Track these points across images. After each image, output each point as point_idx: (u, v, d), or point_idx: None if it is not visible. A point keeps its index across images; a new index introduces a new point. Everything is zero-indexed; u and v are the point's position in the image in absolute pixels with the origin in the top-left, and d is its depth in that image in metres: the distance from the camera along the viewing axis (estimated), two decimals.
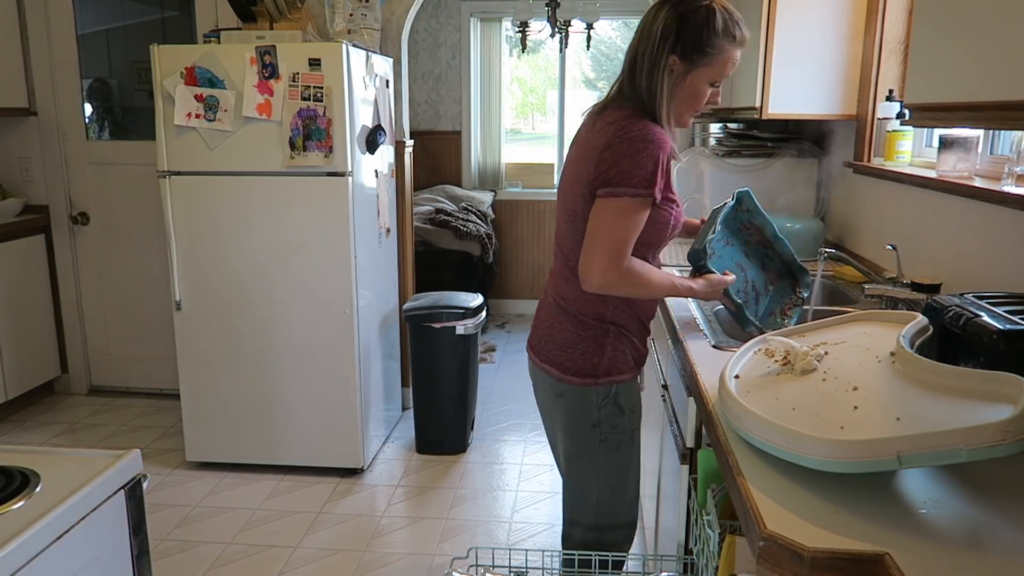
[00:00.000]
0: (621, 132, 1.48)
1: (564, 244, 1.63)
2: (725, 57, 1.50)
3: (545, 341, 1.67)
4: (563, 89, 5.62)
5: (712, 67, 1.51)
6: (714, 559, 1.14)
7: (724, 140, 3.08)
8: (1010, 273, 1.61)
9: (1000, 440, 0.86)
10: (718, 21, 1.47)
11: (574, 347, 1.62)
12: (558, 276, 1.67)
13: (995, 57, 1.14)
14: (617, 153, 1.46)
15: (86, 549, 1.18)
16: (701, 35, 1.47)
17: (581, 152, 1.57)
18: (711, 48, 1.48)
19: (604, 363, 1.60)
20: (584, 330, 1.61)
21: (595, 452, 1.66)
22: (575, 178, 1.55)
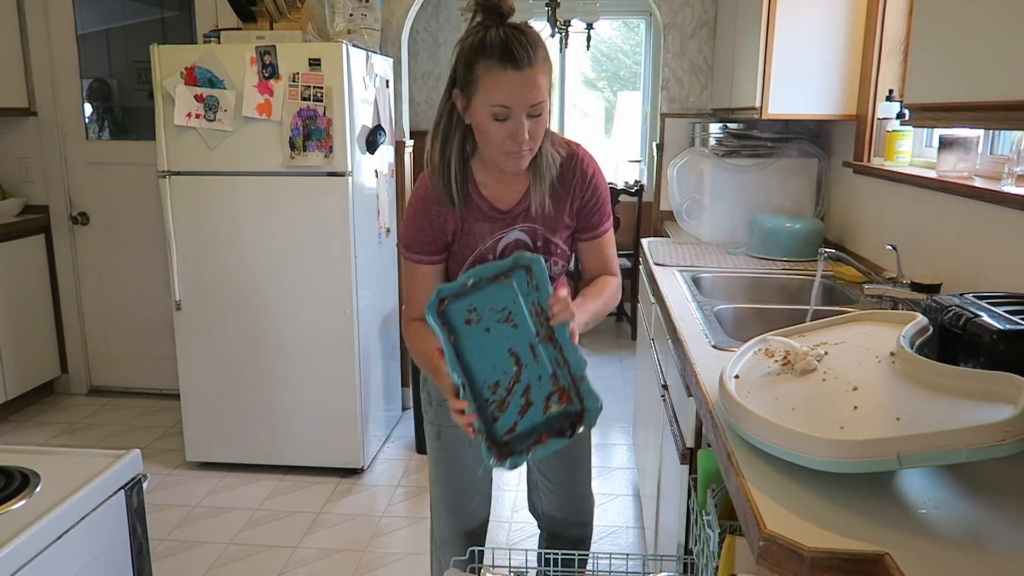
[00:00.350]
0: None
1: None
2: (493, 81, 1.29)
3: None
4: (563, 89, 5.63)
5: (482, 93, 1.31)
6: (714, 559, 1.14)
7: (724, 140, 3.08)
8: (1010, 273, 1.61)
9: (1000, 440, 0.86)
10: (489, 38, 1.30)
11: None
12: None
13: (995, 57, 1.14)
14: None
15: (86, 549, 1.18)
16: (469, 58, 1.32)
17: None
18: (476, 72, 1.31)
19: None
20: None
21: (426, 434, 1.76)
22: None
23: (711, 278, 2.36)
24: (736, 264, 2.50)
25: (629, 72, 6.57)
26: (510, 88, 1.29)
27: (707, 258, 2.60)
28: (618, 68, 6.75)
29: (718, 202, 2.91)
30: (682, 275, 2.31)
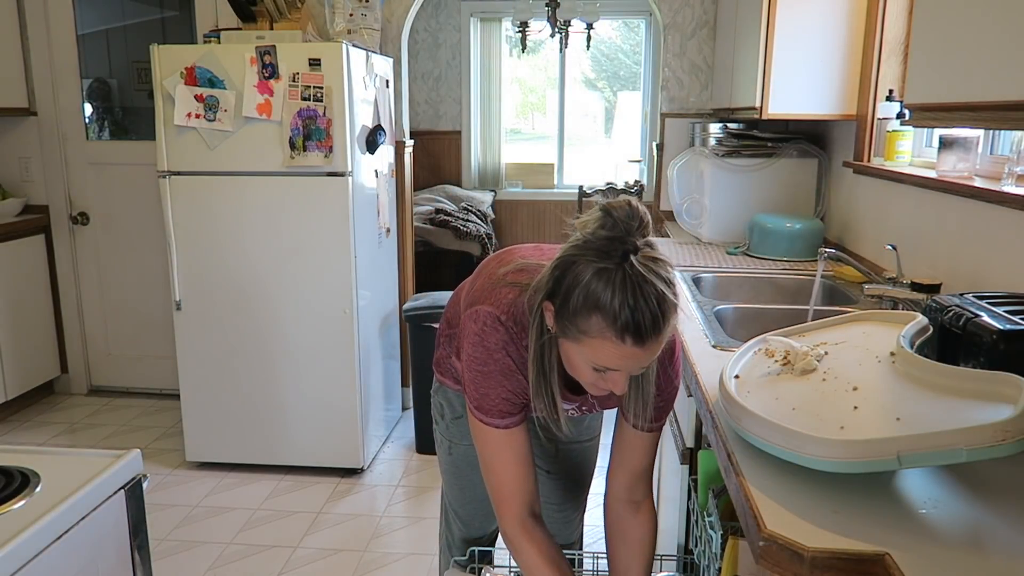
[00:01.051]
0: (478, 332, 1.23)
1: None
2: (602, 348, 1.05)
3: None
4: (563, 89, 5.62)
5: (585, 349, 1.08)
6: (716, 560, 1.14)
7: (724, 140, 3.08)
8: (1010, 273, 1.61)
9: (1000, 440, 0.86)
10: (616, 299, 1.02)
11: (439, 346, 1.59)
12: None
13: (995, 57, 1.14)
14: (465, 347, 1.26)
15: (86, 549, 1.18)
16: (572, 295, 1.05)
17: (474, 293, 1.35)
18: (588, 323, 1.05)
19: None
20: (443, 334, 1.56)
21: (437, 445, 1.71)
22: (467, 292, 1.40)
23: (711, 278, 2.36)
24: (736, 264, 2.50)
25: (629, 72, 6.57)
26: (623, 359, 1.06)
27: (707, 258, 2.60)
28: (618, 68, 6.75)
29: (718, 202, 2.91)
30: (682, 275, 2.31)
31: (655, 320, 1.02)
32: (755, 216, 2.72)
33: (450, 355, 1.50)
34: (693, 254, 2.67)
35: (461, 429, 1.55)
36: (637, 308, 1.01)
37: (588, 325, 1.04)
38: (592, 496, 1.85)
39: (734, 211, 2.89)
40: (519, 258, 1.29)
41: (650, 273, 1.03)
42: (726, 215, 2.90)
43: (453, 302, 1.52)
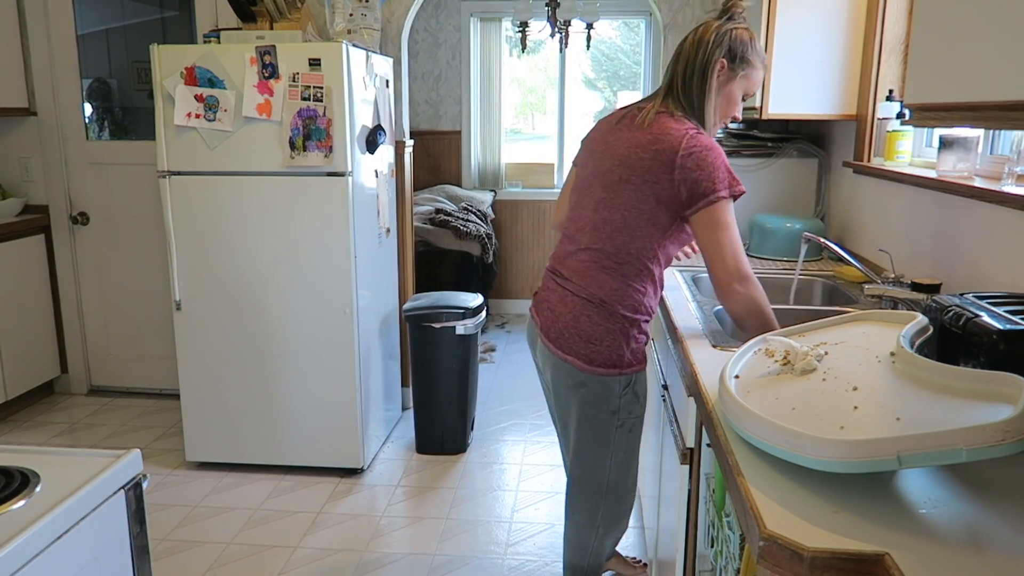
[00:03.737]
0: (691, 141, 1.61)
1: (606, 238, 1.70)
2: (757, 73, 1.72)
3: (569, 333, 1.74)
4: (563, 89, 5.62)
5: (748, 79, 1.71)
6: (735, 561, 1.14)
7: (724, 140, 3.08)
8: (1010, 273, 1.61)
9: (1000, 440, 0.86)
10: (757, 42, 1.71)
11: (601, 340, 1.71)
12: (593, 268, 1.72)
13: (995, 57, 1.14)
14: (698, 163, 1.59)
15: (86, 549, 1.18)
16: (746, 48, 1.68)
17: (637, 155, 1.65)
18: (750, 62, 1.69)
19: (627, 355, 1.73)
20: (614, 323, 1.71)
21: (611, 436, 1.79)
22: (632, 178, 1.65)
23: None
24: None
25: (629, 72, 6.57)
26: (759, 84, 1.75)
27: None
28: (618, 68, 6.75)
29: None
30: (682, 275, 2.31)
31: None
32: (755, 216, 2.72)
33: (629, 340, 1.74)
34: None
35: (644, 403, 1.83)
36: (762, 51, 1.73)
37: (754, 62, 1.70)
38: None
39: (734, 211, 2.88)
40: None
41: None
42: None
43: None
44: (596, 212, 1.72)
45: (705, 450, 1.42)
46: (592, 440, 1.81)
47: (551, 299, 1.80)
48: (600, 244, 1.71)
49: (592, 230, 1.73)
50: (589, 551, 1.97)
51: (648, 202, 1.64)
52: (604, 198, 1.70)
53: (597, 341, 1.71)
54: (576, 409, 1.79)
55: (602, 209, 1.71)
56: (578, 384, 1.75)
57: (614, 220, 1.69)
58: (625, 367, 1.73)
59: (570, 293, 1.75)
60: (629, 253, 1.69)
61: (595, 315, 1.71)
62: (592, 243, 1.73)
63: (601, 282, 1.71)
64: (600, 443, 1.80)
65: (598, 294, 1.71)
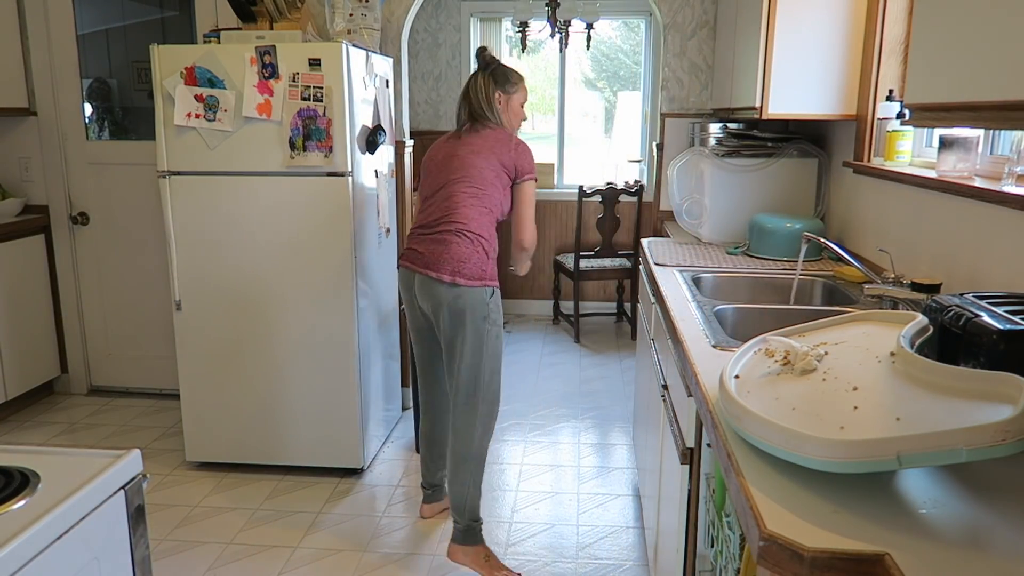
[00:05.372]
0: (514, 140, 2.43)
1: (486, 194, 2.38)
2: (522, 88, 2.53)
3: (442, 259, 2.31)
4: (563, 89, 5.62)
5: (518, 93, 2.51)
6: (735, 561, 1.14)
7: (724, 140, 3.08)
8: (1010, 273, 1.61)
9: (1000, 440, 0.86)
10: (510, 71, 2.51)
11: (468, 258, 2.31)
12: (468, 208, 2.34)
13: (995, 57, 1.14)
14: (520, 153, 2.42)
15: (86, 549, 1.18)
16: (507, 77, 2.48)
17: (477, 140, 2.41)
18: (513, 83, 2.50)
19: (489, 270, 2.36)
20: (475, 246, 2.33)
21: (484, 340, 2.35)
22: (486, 162, 2.38)
23: (711, 278, 2.36)
24: (736, 264, 2.50)
25: (629, 72, 6.57)
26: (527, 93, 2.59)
27: (707, 258, 2.60)
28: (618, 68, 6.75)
29: (718, 202, 2.91)
30: (682, 275, 2.31)
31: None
32: (755, 216, 2.72)
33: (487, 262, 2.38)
34: (693, 254, 2.68)
35: (501, 315, 2.44)
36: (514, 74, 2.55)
37: (515, 81, 2.52)
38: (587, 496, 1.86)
39: (734, 211, 2.89)
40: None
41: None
42: (726, 215, 2.90)
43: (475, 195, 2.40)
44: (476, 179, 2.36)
45: (705, 450, 1.42)
46: (472, 345, 2.34)
47: (420, 247, 2.37)
48: (462, 190, 2.35)
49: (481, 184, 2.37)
50: (477, 454, 2.45)
51: (496, 167, 2.38)
52: (462, 165, 2.37)
53: (465, 260, 2.31)
54: (454, 319, 2.33)
55: (462, 170, 2.37)
56: (455, 297, 2.30)
57: (471, 174, 2.36)
58: (488, 279, 2.34)
59: (438, 233, 2.34)
60: (485, 196, 2.36)
61: (459, 240, 2.32)
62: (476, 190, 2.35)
63: (470, 218, 2.34)
64: (477, 346, 2.35)
65: (459, 223, 2.32)
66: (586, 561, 2.50)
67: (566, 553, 2.54)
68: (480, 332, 2.33)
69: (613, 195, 4.75)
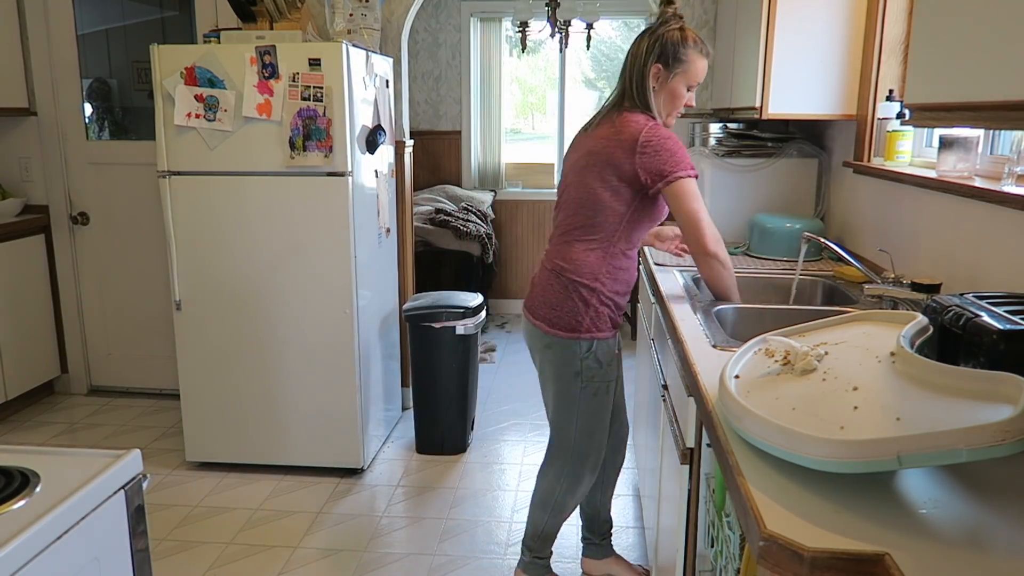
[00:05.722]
0: (650, 132, 1.85)
1: (573, 214, 1.97)
2: (696, 65, 1.93)
3: (539, 302, 2.03)
4: (563, 89, 5.62)
5: (687, 74, 1.92)
6: (734, 560, 1.14)
7: (724, 140, 3.08)
8: (1010, 273, 1.61)
9: (1000, 440, 0.86)
10: (688, 37, 1.90)
11: (560, 305, 1.98)
12: (561, 243, 2.01)
13: (995, 57, 1.14)
14: (657, 147, 1.84)
15: (86, 549, 1.18)
16: (677, 48, 1.89)
17: (602, 144, 1.91)
18: (684, 57, 1.90)
19: (586, 321, 1.97)
20: (571, 290, 1.96)
21: (576, 398, 2.03)
22: (597, 162, 1.90)
23: None
24: (736, 264, 2.50)
25: None
26: (704, 72, 1.96)
27: None
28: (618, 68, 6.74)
29: (718, 202, 2.91)
30: (682, 275, 2.31)
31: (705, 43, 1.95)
32: (755, 216, 2.72)
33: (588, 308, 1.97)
34: None
35: (611, 370, 2.06)
36: (699, 39, 1.93)
37: (690, 56, 1.90)
38: None
39: (734, 211, 2.89)
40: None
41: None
42: (726, 215, 2.90)
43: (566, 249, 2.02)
44: (567, 196, 2.00)
45: (705, 450, 1.42)
46: (562, 400, 2.05)
47: (534, 278, 2.11)
48: (568, 220, 1.98)
49: (564, 210, 2.01)
50: (551, 504, 2.18)
51: (611, 180, 1.89)
52: (574, 182, 1.97)
53: (557, 306, 1.98)
54: (545, 369, 2.07)
55: (571, 190, 1.98)
56: (545, 346, 2.03)
57: (581, 197, 1.94)
58: (583, 332, 1.97)
59: (544, 268, 2.06)
60: (593, 225, 1.93)
61: (555, 283, 1.99)
62: (563, 222, 2.01)
63: (563, 252, 1.99)
64: (567, 403, 2.05)
65: (559, 263, 1.99)
66: None
67: (566, 553, 2.54)
68: (569, 389, 2.03)
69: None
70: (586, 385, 2.01)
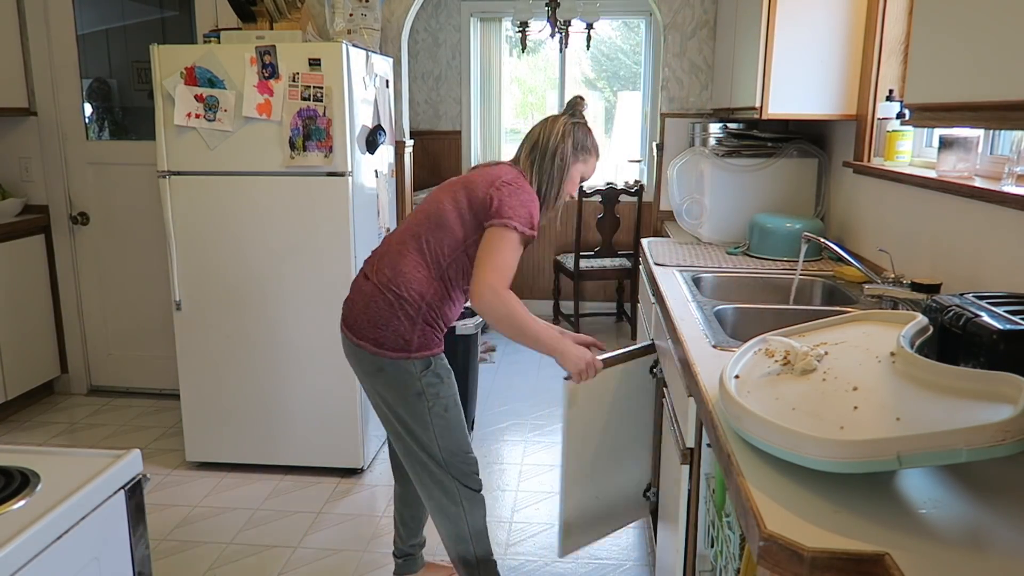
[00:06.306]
0: (518, 179, 1.91)
1: (414, 227, 1.93)
2: (594, 160, 2.07)
3: (361, 320, 1.90)
4: (563, 89, 5.62)
5: (587, 164, 2.04)
6: (734, 560, 1.14)
7: (724, 140, 3.08)
8: (1010, 273, 1.61)
9: (1000, 440, 0.86)
10: (592, 136, 2.04)
11: (387, 324, 1.87)
12: (389, 255, 1.92)
13: (995, 57, 1.14)
14: (517, 191, 1.87)
15: (86, 549, 1.18)
16: (586, 139, 2.02)
17: (470, 175, 1.97)
18: (589, 150, 2.03)
19: (415, 340, 1.87)
20: (396, 309, 1.86)
21: (428, 418, 1.91)
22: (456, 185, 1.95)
23: (711, 278, 2.36)
24: (736, 264, 2.50)
25: (629, 72, 6.57)
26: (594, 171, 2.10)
27: (707, 258, 2.60)
28: (618, 68, 6.75)
29: (718, 202, 2.91)
30: (682, 275, 2.31)
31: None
32: (755, 216, 2.72)
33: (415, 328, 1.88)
34: (693, 254, 2.68)
35: (451, 383, 1.96)
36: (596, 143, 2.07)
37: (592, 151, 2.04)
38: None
39: (734, 211, 2.89)
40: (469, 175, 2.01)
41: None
42: (726, 215, 2.90)
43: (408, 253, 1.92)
44: (415, 210, 1.98)
45: (705, 450, 1.42)
46: (413, 424, 1.92)
47: (354, 291, 1.98)
48: (407, 229, 1.94)
49: (406, 222, 1.98)
50: (468, 534, 2.04)
51: (462, 201, 1.89)
52: (428, 199, 1.98)
53: (383, 325, 1.87)
54: (384, 396, 1.93)
55: (422, 205, 1.97)
56: (377, 369, 1.90)
57: (428, 211, 1.93)
58: (414, 351, 1.87)
59: (366, 279, 1.93)
60: (430, 240, 1.89)
61: (379, 298, 1.88)
62: (402, 231, 1.96)
63: (393, 263, 1.90)
64: (421, 425, 1.92)
65: (386, 274, 1.89)
66: (586, 561, 2.50)
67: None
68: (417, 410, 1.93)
69: (613, 195, 4.75)
70: (434, 403, 1.91)
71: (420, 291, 1.87)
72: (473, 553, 2.06)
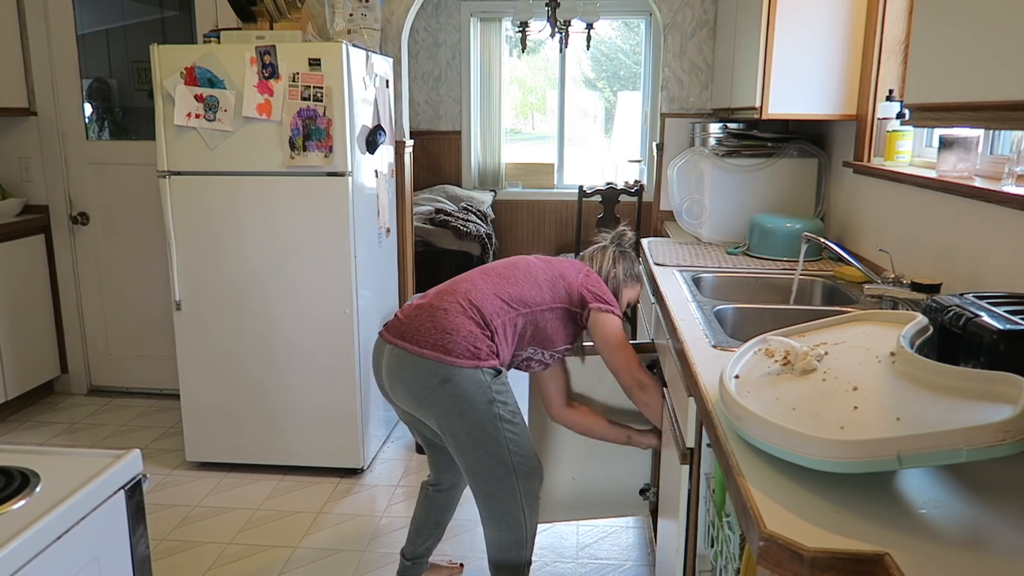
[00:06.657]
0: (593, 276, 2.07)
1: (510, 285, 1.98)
2: (639, 289, 2.22)
3: (425, 327, 1.86)
4: (563, 89, 5.63)
5: (633, 290, 2.18)
6: (734, 560, 1.14)
7: (724, 140, 3.08)
8: (1010, 273, 1.61)
9: (1000, 440, 0.86)
10: (638, 264, 2.20)
11: (458, 329, 1.84)
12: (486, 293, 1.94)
13: (995, 57, 1.14)
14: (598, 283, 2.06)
15: (86, 549, 1.18)
16: (634, 268, 2.17)
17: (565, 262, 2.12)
18: (636, 277, 2.19)
19: (484, 348, 1.86)
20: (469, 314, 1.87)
21: (498, 427, 1.88)
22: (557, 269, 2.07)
23: (711, 278, 2.36)
24: (736, 264, 2.50)
25: (629, 72, 6.57)
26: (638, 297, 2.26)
27: (707, 258, 2.60)
28: (618, 68, 6.75)
29: (718, 202, 2.91)
30: (682, 275, 2.31)
31: None
32: (755, 216, 2.72)
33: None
34: (693, 254, 2.67)
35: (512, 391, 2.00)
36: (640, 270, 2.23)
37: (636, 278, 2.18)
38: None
39: (734, 211, 2.89)
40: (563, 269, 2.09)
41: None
42: (726, 215, 2.90)
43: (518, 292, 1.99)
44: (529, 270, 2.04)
45: (705, 450, 1.42)
46: (482, 433, 1.87)
47: (404, 312, 1.95)
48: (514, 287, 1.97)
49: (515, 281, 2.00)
50: (525, 538, 2.01)
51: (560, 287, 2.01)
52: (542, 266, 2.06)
53: (453, 331, 1.83)
54: (448, 408, 1.85)
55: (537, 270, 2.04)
56: (442, 380, 1.82)
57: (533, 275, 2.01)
58: (483, 359, 1.85)
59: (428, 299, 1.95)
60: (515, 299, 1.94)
61: (452, 308, 1.87)
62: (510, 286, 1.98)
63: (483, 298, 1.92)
64: (492, 432, 1.88)
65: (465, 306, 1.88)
66: (586, 561, 2.50)
67: (566, 553, 2.54)
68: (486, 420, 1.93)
69: (613, 195, 4.75)
70: (503, 410, 1.89)
71: (495, 311, 1.91)
72: (525, 558, 2.04)
